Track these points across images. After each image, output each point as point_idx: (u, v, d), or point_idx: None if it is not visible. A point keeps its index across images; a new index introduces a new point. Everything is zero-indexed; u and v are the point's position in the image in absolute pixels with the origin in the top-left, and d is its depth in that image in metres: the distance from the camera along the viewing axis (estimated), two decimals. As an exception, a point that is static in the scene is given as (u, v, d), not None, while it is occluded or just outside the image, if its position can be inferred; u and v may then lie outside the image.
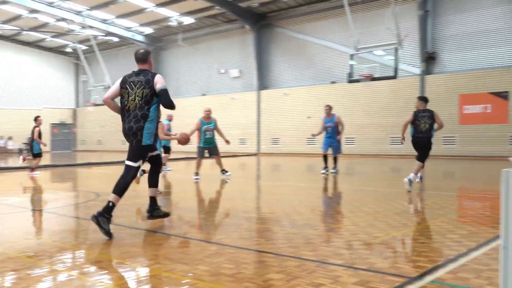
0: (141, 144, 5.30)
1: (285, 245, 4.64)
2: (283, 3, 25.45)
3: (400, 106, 21.96)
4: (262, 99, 27.87)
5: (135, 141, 5.30)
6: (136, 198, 8.44)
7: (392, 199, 8.15)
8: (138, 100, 5.31)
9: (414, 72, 22.00)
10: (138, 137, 5.28)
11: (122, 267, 4.05)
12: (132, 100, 5.34)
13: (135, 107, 5.31)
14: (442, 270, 3.75)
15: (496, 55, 20.00)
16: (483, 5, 20.28)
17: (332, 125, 12.89)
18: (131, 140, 5.33)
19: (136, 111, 5.30)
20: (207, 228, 5.86)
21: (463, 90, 20.49)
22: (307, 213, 6.69)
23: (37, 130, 13.99)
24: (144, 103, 5.29)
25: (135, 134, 5.28)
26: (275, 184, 11.59)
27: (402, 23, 20.16)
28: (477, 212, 6.88)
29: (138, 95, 5.32)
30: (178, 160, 21.46)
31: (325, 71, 25.23)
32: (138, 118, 5.27)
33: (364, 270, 3.77)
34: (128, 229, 5.64)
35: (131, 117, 5.31)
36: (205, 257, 4.21)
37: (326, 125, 13.00)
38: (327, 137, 13.04)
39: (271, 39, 27.64)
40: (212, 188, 10.61)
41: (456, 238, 4.88)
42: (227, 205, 7.92)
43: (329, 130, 12.94)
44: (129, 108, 5.35)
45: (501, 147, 19.38)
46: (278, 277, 3.59)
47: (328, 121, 12.97)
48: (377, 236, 5.03)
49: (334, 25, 24.62)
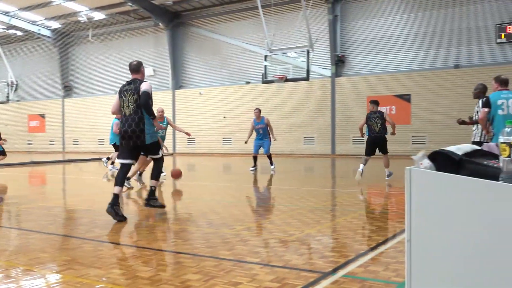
0: (145, 144, 6.19)
1: (202, 245, 4.62)
2: (196, 2, 25.31)
3: (312, 106, 22.68)
4: (177, 98, 27.55)
5: (139, 142, 6.15)
6: (44, 201, 8.02)
7: (306, 197, 8.39)
8: (131, 106, 6.12)
9: (325, 74, 22.79)
10: (142, 139, 6.14)
11: (31, 274, 3.83)
12: (127, 107, 6.17)
13: (130, 112, 6.13)
14: (354, 264, 3.92)
15: (400, 60, 21.24)
16: (386, 12, 21.43)
17: (262, 127, 13.62)
18: (135, 141, 6.14)
19: (133, 115, 6.11)
20: (121, 230, 5.70)
21: (370, 92, 21.53)
22: (223, 213, 6.72)
23: None
24: (137, 107, 6.10)
25: (138, 136, 6.12)
26: (191, 184, 11.52)
27: (314, 27, 20.81)
28: (385, 208, 7.27)
29: (130, 101, 6.13)
30: (90, 161, 20.66)
31: (239, 71, 25.43)
32: (136, 122, 6.08)
33: (280, 267, 3.86)
34: (36, 233, 5.34)
35: (130, 121, 6.12)
36: (120, 260, 4.10)
37: (256, 127, 13.69)
38: (258, 139, 13.75)
39: (186, 38, 27.40)
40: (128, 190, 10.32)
41: (366, 233, 5.13)
42: (143, 206, 7.75)
43: (260, 131, 13.67)
44: (126, 113, 6.19)
45: (404, 146, 20.61)
46: (196, 278, 3.58)
47: (258, 123, 13.67)
48: (292, 234, 5.16)
49: (248, 26, 24.88)
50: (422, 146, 20.19)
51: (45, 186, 12.11)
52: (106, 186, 11.33)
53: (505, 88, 7.19)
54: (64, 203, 8.45)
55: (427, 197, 2.03)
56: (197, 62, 27.10)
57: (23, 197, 9.13)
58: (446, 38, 19.98)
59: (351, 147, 21.76)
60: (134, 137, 6.11)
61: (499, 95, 7.05)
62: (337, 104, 22.34)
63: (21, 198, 8.82)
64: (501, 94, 7.04)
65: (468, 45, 19.59)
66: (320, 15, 22.34)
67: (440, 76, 20.04)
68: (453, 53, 19.90)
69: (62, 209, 7.62)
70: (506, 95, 7.00)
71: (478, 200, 1.84)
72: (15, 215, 6.98)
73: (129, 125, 6.10)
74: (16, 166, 17.61)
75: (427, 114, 20.28)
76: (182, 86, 27.59)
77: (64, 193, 10.08)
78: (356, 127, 12.65)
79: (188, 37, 27.31)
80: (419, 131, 20.62)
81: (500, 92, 7.09)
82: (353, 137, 21.59)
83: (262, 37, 21.89)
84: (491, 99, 7.09)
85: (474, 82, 19.67)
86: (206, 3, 25.51)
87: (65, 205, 8.15)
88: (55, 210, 7.36)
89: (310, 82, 21.80)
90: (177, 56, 27.37)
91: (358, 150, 21.69)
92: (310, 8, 20.17)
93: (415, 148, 20.23)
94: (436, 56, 20.27)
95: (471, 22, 19.43)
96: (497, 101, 6.99)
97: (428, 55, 20.47)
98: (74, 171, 15.45)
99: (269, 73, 20.57)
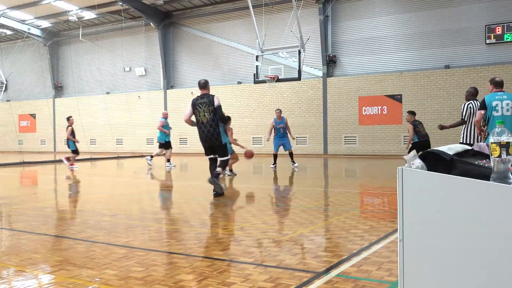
0: (221, 143, 8.12)
1: (195, 246, 4.63)
2: (187, 2, 25.24)
3: (304, 106, 22.72)
4: (169, 98, 27.48)
5: (218, 142, 8.09)
6: (36, 202, 7.98)
7: (299, 197, 8.42)
8: (208, 116, 8.02)
9: (316, 74, 22.84)
10: (219, 139, 8.08)
11: (23, 275, 3.82)
12: (204, 116, 8.06)
13: (208, 120, 8.03)
14: (347, 264, 3.95)
15: (391, 61, 21.33)
16: (377, 13, 21.50)
17: (283, 126, 14.76)
18: (214, 142, 8.09)
19: (210, 122, 8.02)
20: (114, 231, 5.68)
21: (362, 93, 21.62)
22: (216, 213, 6.72)
23: (69, 129, 15.70)
24: (214, 116, 8.00)
25: (216, 138, 8.06)
26: (184, 184, 11.51)
27: (305, 27, 20.85)
28: (377, 208, 7.32)
29: (206, 112, 8.03)
30: (84, 161, 20.56)
31: (231, 71, 25.41)
32: (214, 127, 8.03)
33: (273, 267, 3.87)
34: (28, 234, 5.32)
35: (208, 127, 8.06)
36: (113, 261, 4.10)
37: (277, 126, 14.78)
38: (279, 137, 14.77)
39: (177, 38, 27.34)
40: (120, 189, 10.30)
41: (359, 233, 5.16)
42: (135, 206, 7.74)
43: (281, 130, 14.74)
44: (203, 121, 8.08)
45: (395, 146, 20.72)
46: (189, 278, 3.58)
47: (279, 123, 14.78)
48: (286, 234, 5.18)
49: (240, 26, 24.87)
50: (413, 146, 20.29)
51: (36, 186, 12.04)
52: (100, 185, 11.29)
53: (500, 89, 7.40)
54: (56, 204, 8.41)
55: (418, 197, 2.05)
56: (189, 62, 27.05)
57: (15, 197, 9.07)
58: (437, 39, 20.11)
59: (343, 147, 21.83)
60: (213, 139, 8.05)
61: (493, 97, 7.29)
62: (328, 104, 22.40)
63: (12, 199, 8.77)
64: (495, 96, 7.30)
65: (458, 45, 19.73)
66: (311, 15, 22.39)
67: (431, 76, 20.17)
68: (444, 53, 20.04)
69: (54, 210, 7.59)
70: (500, 96, 7.26)
71: (469, 200, 1.86)
72: (6, 215, 6.93)
73: (208, 130, 8.05)
74: (7, 166, 17.49)
75: (418, 114, 20.28)
76: (174, 86, 27.53)
77: (56, 194, 10.03)
78: (348, 127, 12.78)
79: (180, 37, 27.26)
80: (410, 131, 20.74)
81: (495, 93, 7.34)
82: (345, 137, 21.69)
83: (253, 37, 21.88)
84: (486, 101, 7.34)
85: (464, 82, 19.87)
86: (197, 3, 25.46)
87: (57, 206, 8.12)
88: (47, 210, 7.33)
89: (301, 82, 21.86)
90: (168, 56, 27.30)
91: (350, 150, 21.81)
92: (301, 9, 20.21)
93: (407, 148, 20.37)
94: (427, 57, 20.40)
95: (461, 23, 19.57)
96: (492, 102, 7.24)
97: (419, 55, 20.60)
98: (65, 171, 15.37)
99: (261, 73, 20.55)
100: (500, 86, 7.45)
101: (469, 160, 2.14)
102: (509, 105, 7.17)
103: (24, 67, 32.73)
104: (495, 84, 7.45)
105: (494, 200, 1.78)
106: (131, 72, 28.83)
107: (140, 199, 8.74)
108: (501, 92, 7.36)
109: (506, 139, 1.86)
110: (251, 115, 24.46)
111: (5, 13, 28.29)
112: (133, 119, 27.80)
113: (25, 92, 33.14)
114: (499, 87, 7.42)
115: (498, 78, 7.58)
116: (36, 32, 30.48)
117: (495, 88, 7.42)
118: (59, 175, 14.62)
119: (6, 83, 32.91)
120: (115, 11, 26.93)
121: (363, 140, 21.58)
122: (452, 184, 1.93)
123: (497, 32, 18.77)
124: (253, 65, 21.33)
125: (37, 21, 29.48)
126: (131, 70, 28.79)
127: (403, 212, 2.10)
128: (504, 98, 7.21)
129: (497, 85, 7.44)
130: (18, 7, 27.10)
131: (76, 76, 30.85)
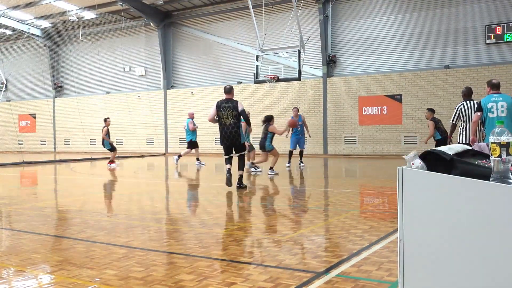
0: (240, 143, 9.25)
1: (195, 245, 4.63)
2: (187, 2, 25.24)
3: (304, 106, 22.70)
4: (169, 98, 27.47)
5: (238, 142, 9.21)
6: (36, 202, 7.98)
7: (299, 197, 8.42)
8: (231, 119, 9.02)
9: (316, 74, 22.83)
10: (239, 140, 9.21)
11: (23, 275, 3.82)
12: (227, 119, 9.04)
13: (230, 123, 9.03)
14: (347, 264, 3.95)
15: (391, 61, 21.33)
16: (377, 13, 21.50)
17: (301, 123, 14.99)
18: (234, 142, 9.16)
19: (232, 124, 9.04)
20: (114, 230, 5.68)
21: (362, 93, 21.62)
22: (216, 213, 6.72)
23: (105, 129, 16.41)
24: (236, 119, 9.07)
25: (237, 138, 9.15)
26: (184, 183, 11.51)
27: (305, 27, 20.85)
28: (377, 208, 7.32)
29: (230, 115, 9.03)
30: (82, 161, 20.56)
31: (231, 71, 25.40)
32: (235, 129, 9.09)
33: (273, 267, 3.87)
34: (28, 234, 5.32)
35: (230, 129, 9.06)
36: (113, 261, 4.09)
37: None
38: (296, 135, 15.04)
39: (177, 38, 27.34)
40: (120, 189, 10.30)
41: (359, 233, 5.16)
42: (135, 206, 7.74)
43: (298, 128, 14.93)
44: (226, 123, 9.07)
45: (395, 146, 20.72)
46: (189, 278, 3.58)
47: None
48: (286, 234, 5.18)
49: (240, 26, 24.86)
50: (413, 146, 20.30)
51: (36, 186, 12.04)
52: (98, 186, 11.29)
53: (496, 91, 7.54)
54: (55, 204, 8.41)
55: (419, 197, 2.05)
56: (189, 62, 27.05)
57: (15, 197, 9.08)
58: (437, 39, 20.11)
59: (343, 147, 21.83)
60: (234, 139, 9.12)
61: (489, 99, 7.45)
62: (328, 104, 22.40)
63: (12, 199, 8.77)
64: (491, 98, 7.51)
65: (458, 46, 19.73)
66: (311, 15, 22.39)
67: (431, 76, 20.16)
68: (444, 53, 20.04)
69: (54, 210, 7.59)
70: (496, 98, 7.45)
71: (469, 200, 1.86)
72: (6, 215, 6.93)
73: (230, 132, 9.06)
74: (7, 166, 17.49)
75: (418, 114, 20.37)
76: (174, 86, 27.53)
77: (55, 194, 10.03)
78: (348, 127, 12.81)
79: (180, 37, 27.25)
80: (410, 131, 20.72)
81: (490, 95, 7.52)
82: (345, 137, 21.69)
83: (253, 37, 21.89)
84: (482, 103, 7.52)
85: (464, 83, 19.84)
86: (197, 3, 25.46)
87: (57, 206, 8.12)
88: (47, 210, 7.33)
89: (301, 82, 21.85)
90: (168, 56, 27.29)
91: (350, 150, 21.80)
92: (301, 9, 20.21)
93: (407, 148, 20.35)
94: (427, 57, 20.40)
95: (461, 23, 19.57)
96: (487, 104, 7.41)
97: (419, 55, 20.59)
98: (65, 171, 15.37)
99: (261, 73, 20.55)
100: (497, 88, 7.59)
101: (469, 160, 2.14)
102: (504, 107, 7.34)
103: (24, 67, 32.73)
104: (492, 86, 7.63)
105: (494, 200, 1.78)
106: (131, 72, 28.83)
107: (140, 199, 8.73)
108: (497, 94, 7.51)
109: (506, 139, 1.86)
110: (251, 115, 24.37)
111: (5, 13, 28.29)
112: (133, 119, 27.81)
113: (25, 92, 33.14)
114: (495, 89, 7.58)
115: (495, 80, 7.75)
116: (36, 32, 30.48)
117: (492, 90, 7.62)
118: (59, 175, 14.62)
119: (6, 83, 32.90)
120: (115, 11, 26.93)
121: (363, 140, 21.58)
122: (452, 184, 1.93)
123: (497, 32, 18.77)
124: (253, 65, 21.33)
125: (37, 21, 29.48)
126: (131, 70, 28.78)
127: (403, 212, 2.10)
128: (499, 99, 7.39)
129: (493, 87, 7.60)
130: (18, 7, 27.11)
131: (76, 76, 30.84)
